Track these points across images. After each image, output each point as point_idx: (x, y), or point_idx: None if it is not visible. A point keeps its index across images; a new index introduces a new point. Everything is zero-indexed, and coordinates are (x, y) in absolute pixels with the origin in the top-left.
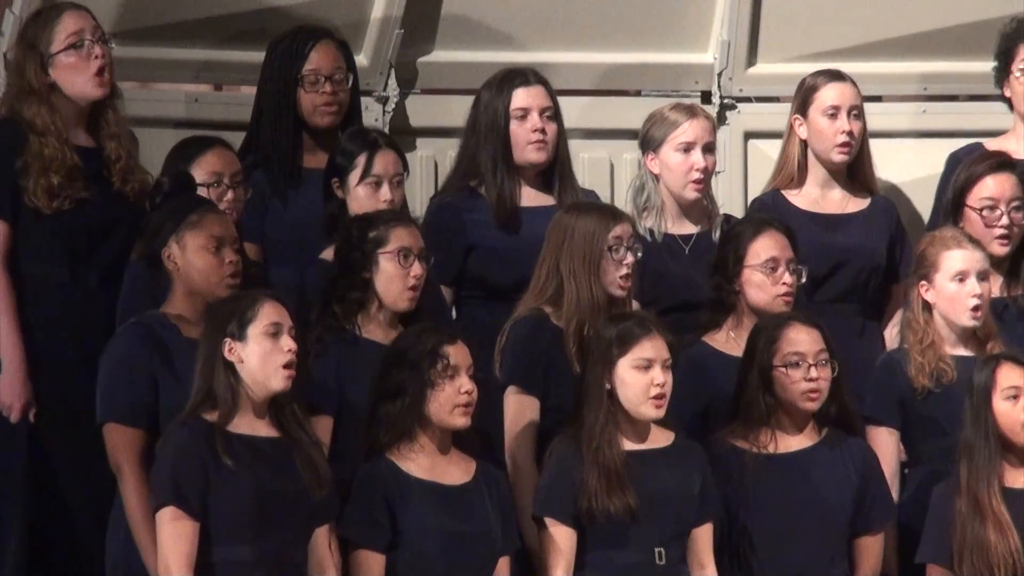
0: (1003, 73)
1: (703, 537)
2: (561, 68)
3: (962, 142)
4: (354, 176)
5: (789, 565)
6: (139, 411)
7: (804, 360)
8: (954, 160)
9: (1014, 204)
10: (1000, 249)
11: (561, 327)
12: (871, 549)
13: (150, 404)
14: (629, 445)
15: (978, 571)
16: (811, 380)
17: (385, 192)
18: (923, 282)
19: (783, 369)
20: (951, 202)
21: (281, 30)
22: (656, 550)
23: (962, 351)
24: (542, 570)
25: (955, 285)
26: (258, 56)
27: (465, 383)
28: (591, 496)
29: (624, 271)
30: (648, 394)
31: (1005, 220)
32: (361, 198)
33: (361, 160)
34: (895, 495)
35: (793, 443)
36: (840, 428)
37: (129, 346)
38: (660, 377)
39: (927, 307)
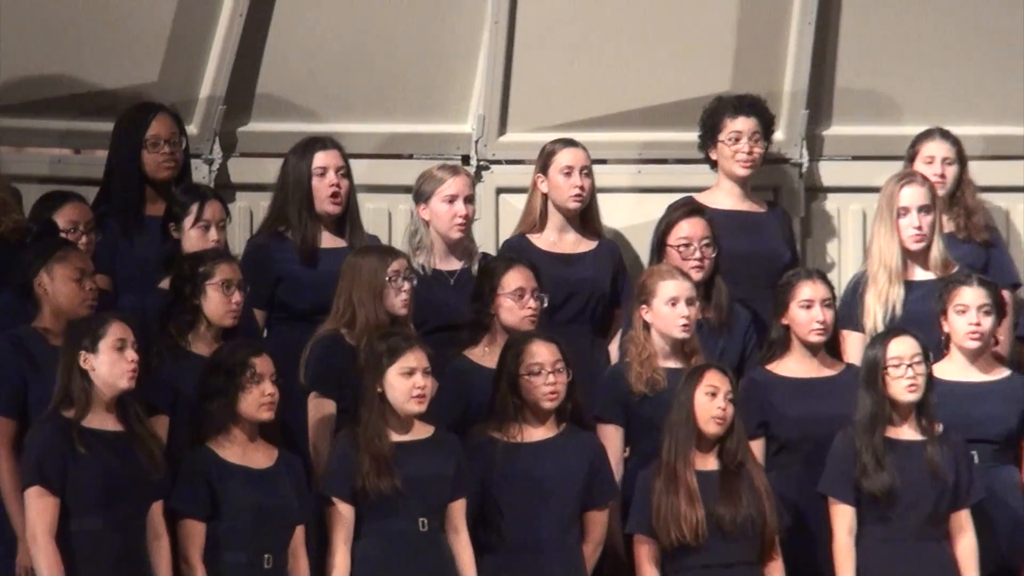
0: (710, 140)
1: (457, 509)
2: (351, 136)
3: (671, 197)
4: (188, 221)
5: (531, 531)
6: (11, 405)
7: (543, 369)
8: (668, 209)
9: (704, 242)
10: (696, 276)
11: (353, 344)
12: (597, 521)
13: (20, 399)
14: (396, 437)
15: (673, 538)
16: (549, 384)
17: (212, 234)
18: (643, 306)
19: (527, 376)
20: (656, 242)
21: (127, 105)
22: (420, 519)
23: (672, 363)
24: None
25: (668, 308)
26: (108, 126)
27: (268, 387)
28: (364, 478)
29: (403, 297)
30: (411, 395)
31: (698, 255)
32: (193, 239)
33: (193, 208)
34: (618, 479)
35: (536, 434)
36: (575, 424)
37: (1, 352)
38: (421, 381)
39: (646, 327)
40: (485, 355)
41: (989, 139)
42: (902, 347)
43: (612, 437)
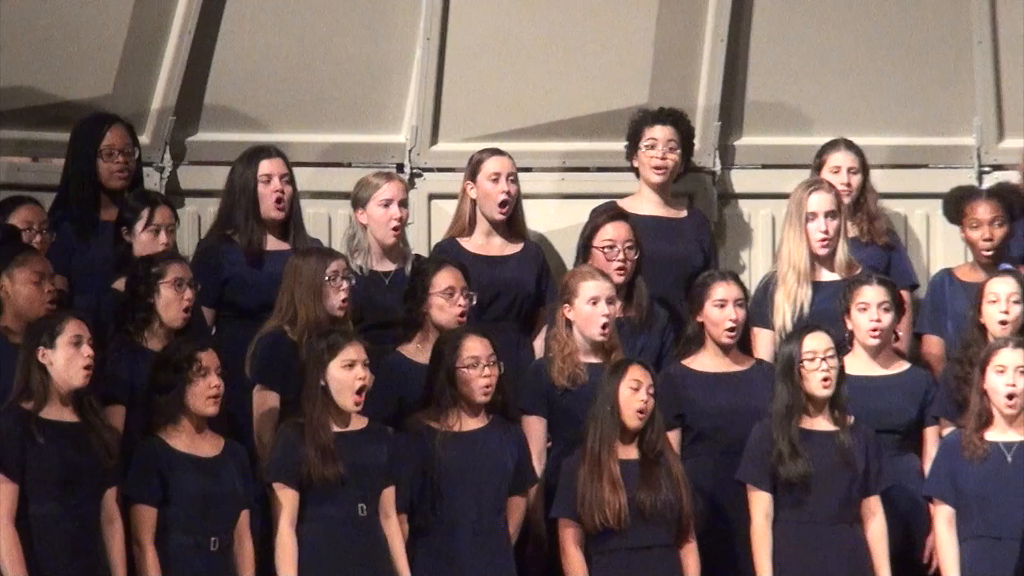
0: (633, 149)
1: (389, 496)
2: (294, 146)
3: (593, 203)
4: (139, 225)
5: (465, 513)
6: None
7: (480, 362)
8: (592, 214)
9: (627, 245)
10: (618, 279)
11: (295, 340)
12: (518, 506)
13: None
14: (337, 428)
15: (597, 523)
16: (485, 377)
17: (163, 237)
18: (566, 305)
19: (464, 369)
20: (582, 245)
21: (83, 116)
22: (359, 505)
23: (593, 359)
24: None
25: (589, 307)
26: (65, 136)
27: (214, 380)
28: (310, 466)
29: (342, 296)
30: (353, 388)
31: (621, 256)
32: (144, 242)
33: (145, 213)
34: (540, 468)
35: (470, 424)
36: (502, 415)
37: None
38: (361, 373)
39: (568, 324)
40: (418, 351)
41: (890, 149)
42: (816, 343)
43: (535, 428)
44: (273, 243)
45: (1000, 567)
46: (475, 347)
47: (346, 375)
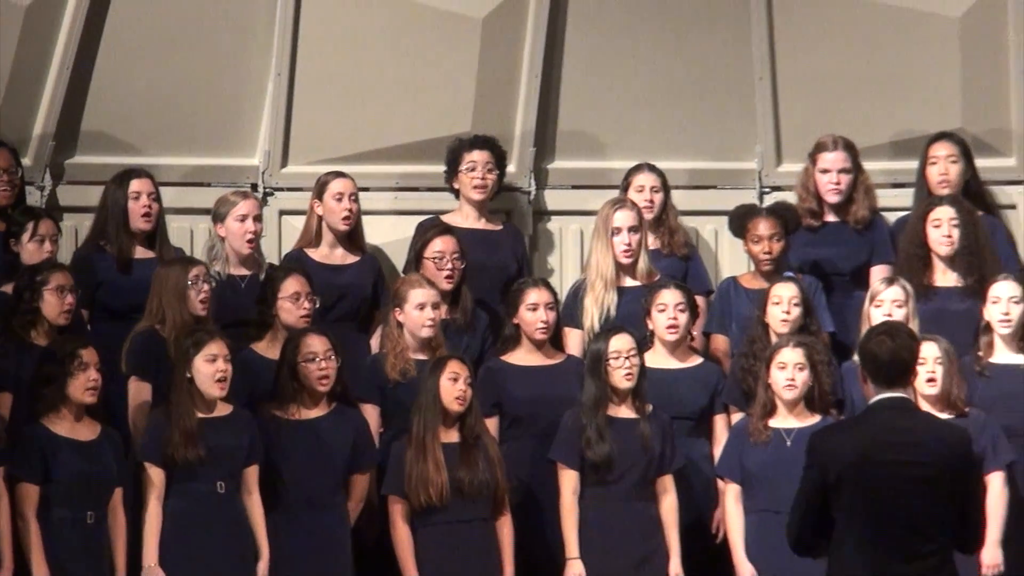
0: (453, 173)
1: (251, 475)
2: (161, 167)
3: (422, 218)
4: (25, 237)
5: (307, 491)
6: None
7: (317, 357)
8: (419, 228)
9: (455, 255)
10: (446, 286)
11: (165, 337)
12: (360, 483)
13: None
14: (201, 414)
15: (422, 499)
16: (322, 370)
17: (46, 247)
18: (397, 309)
19: (304, 363)
20: (415, 255)
21: None
22: (218, 483)
23: (421, 356)
24: (144, 498)
25: (417, 311)
26: None
27: (93, 374)
28: (174, 447)
29: (203, 297)
30: (215, 378)
31: (449, 266)
32: (30, 251)
33: (29, 226)
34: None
35: (311, 412)
36: (342, 403)
37: None
38: (222, 366)
39: (399, 325)
40: (268, 348)
41: (688, 172)
42: (620, 342)
43: (371, 415)
44: (141, 252)
45: (780, 538)
46: (314, 344)
47: (209, 368)
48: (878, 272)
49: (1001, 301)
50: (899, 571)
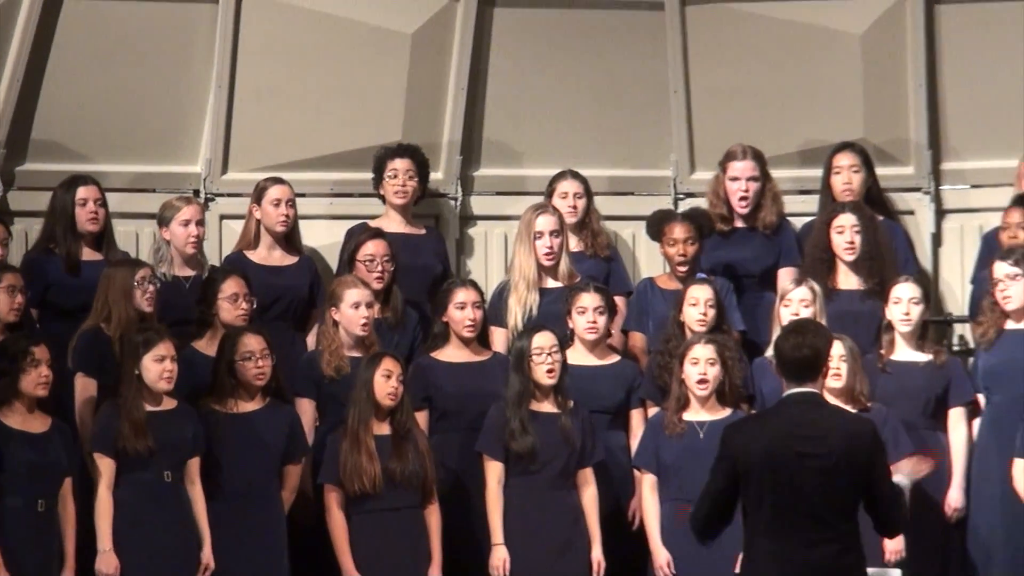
0: (379, 179)
1: (193, 465)
2: (107, 174)
3: (355, 223)
4: None
5: (243, 481)
6: None
7: (254, 355)
8: (349, 233)
9: (385, 258)
10: (377, 286)
11: (111, 336)
12: (293, 473)
13: None
14: (149, 408)
15: (356, 488)
16: (258, 367)
17: None
18: (333, 308)
19: (240, 361)
20: (349, 256)
21: None
22: (164, 472)
23: (355, 353)
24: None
25: (352, 310)
26: None
27: (44, 370)
28: (124, 439)
29: (148, 297)
30: (162, 376)
31: (380, 268)
32: None
33: None
34: (310, 442)
35: (248, 407)
36: (277, 398)
37: None
38: (169, 365)
39: (335, 324)
40: (208, 345)
41: (607, 179)
42: (543, 340)
43: (307, 409)
44: (89, 254)
45: None
46: (251, 342)
47: (157, 366)
48: (786, 274)
49: (902, 302)
50: (803, 557)
